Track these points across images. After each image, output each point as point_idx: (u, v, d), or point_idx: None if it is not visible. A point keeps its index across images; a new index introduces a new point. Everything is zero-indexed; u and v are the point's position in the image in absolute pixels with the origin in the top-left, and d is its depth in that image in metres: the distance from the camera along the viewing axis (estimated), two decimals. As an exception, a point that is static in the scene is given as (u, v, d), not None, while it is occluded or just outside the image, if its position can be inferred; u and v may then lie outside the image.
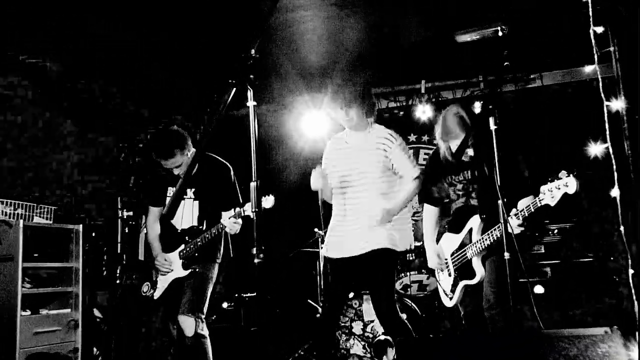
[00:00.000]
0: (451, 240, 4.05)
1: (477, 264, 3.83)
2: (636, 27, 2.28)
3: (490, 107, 3.34)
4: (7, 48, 5.30)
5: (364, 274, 3.96)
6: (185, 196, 4.42)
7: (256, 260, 2.59)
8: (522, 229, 3.58)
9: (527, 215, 3.52)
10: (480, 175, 3.83)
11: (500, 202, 3.24)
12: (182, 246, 4.35)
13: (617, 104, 2.31)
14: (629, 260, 2.30)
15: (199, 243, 4.25)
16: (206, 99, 6.33)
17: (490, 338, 2.68)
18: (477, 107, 5.73)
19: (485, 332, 3.58)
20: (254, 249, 2.60)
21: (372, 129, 4.02)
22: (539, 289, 5.51)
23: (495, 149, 3.31)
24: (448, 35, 5.61)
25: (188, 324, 4.15)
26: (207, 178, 4.37)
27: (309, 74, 6.36)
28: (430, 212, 4.23)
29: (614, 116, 2.33)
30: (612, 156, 2.34)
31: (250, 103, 2.68)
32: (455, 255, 3.99)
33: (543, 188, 3.42)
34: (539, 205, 3.45)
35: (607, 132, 2.34)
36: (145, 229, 4.60)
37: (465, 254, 3.89)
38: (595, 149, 2.82)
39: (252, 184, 2.67)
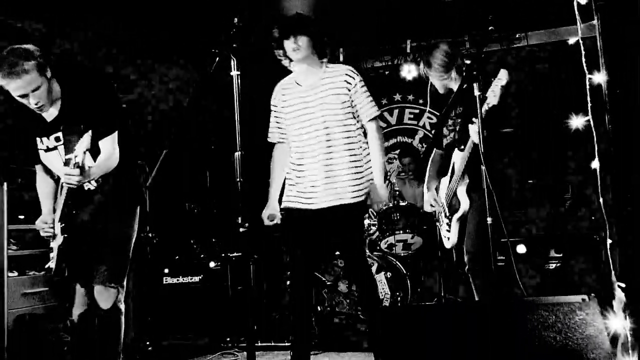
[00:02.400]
0: (444, 184, 4.08)
1: (461, 193, 3.82)
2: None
3: (474, 73, 3.33)
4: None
5: (337, 227, 3.65)
6: (57, 143, 3.34)
7: (241, 229, 2.63)
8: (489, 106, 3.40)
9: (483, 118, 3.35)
10: (464, 110, 3.78)
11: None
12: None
13: (599, 77, 2.33)
14: (607, 231, 2.35)
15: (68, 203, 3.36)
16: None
17: (469, 306, 2.74)
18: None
19: (467, 300, 3.66)
20: (239, 219, 2.63)
21: (328, 68, 3.73)
22: (521, 249, 5.53)
23: (479, 114, 3.30)
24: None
25: (106, 296, 3.34)
26: (77, 101, 3.20)
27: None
28: (435, 157, 4.20)
29: (595, 89, 2.35)
30: (593, 129, 2.37)
31: (234, 72, 2.67)
32: (447, 194, 4.01)
33: (488, 94, 3.35)
34: (487, 108, 3.34)
35: (589, 105, 2.36)
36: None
37: (452, 187, 3.90)
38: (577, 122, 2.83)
39: (237, 154, 2.68)
